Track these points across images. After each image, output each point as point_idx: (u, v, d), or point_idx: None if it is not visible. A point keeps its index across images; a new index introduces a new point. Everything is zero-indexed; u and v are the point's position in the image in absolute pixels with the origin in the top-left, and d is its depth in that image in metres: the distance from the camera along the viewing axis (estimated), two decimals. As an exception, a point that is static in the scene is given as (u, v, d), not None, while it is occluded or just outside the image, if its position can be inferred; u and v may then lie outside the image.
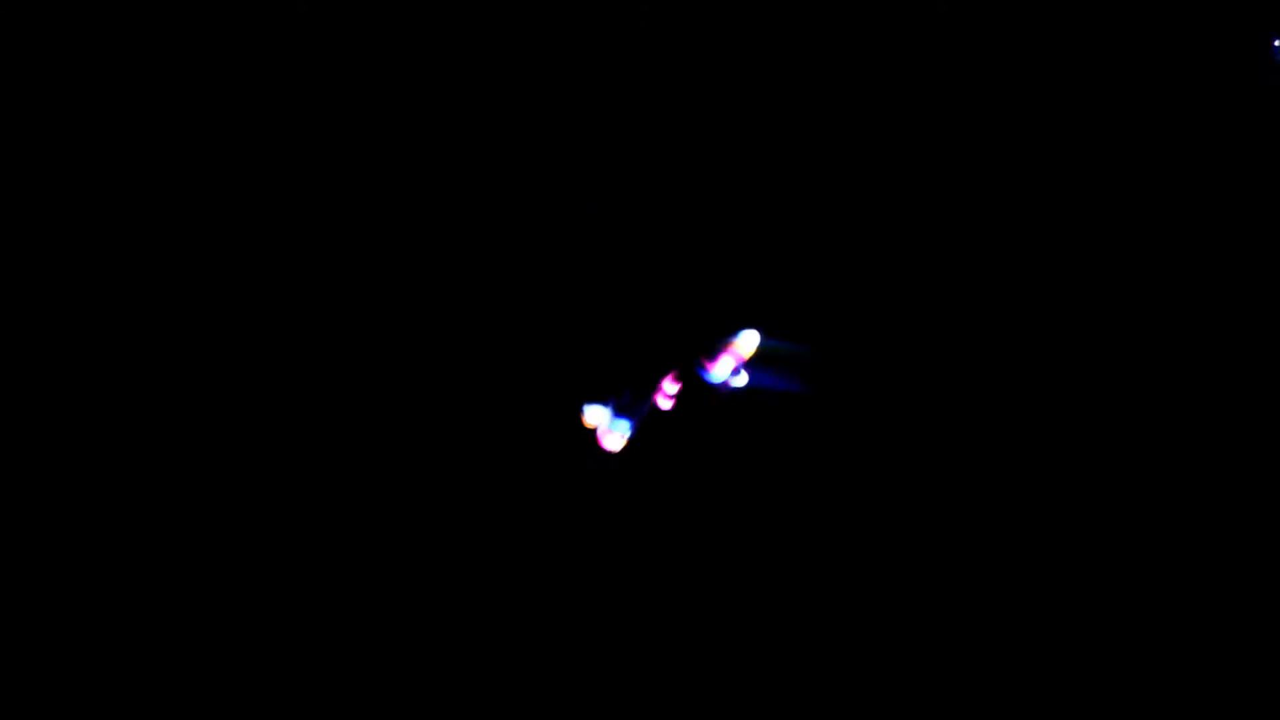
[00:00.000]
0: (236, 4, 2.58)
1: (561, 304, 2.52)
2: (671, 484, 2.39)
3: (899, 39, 2.68)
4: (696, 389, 2.33)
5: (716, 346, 2.28)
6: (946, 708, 2.22)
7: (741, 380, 2.31)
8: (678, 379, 2.29)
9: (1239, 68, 2.67)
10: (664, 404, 2.31)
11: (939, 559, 2.38)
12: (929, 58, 2.68)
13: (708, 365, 2.28)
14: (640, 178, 2.64)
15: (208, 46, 2.60)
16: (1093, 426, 2.54)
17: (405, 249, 2.56)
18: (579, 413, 2.30)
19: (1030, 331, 2.62)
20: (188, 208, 2.56)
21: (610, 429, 2.30)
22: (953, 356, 2.60)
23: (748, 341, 2.26)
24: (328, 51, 2.62)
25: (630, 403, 2.30)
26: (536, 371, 2.50)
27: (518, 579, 2.34)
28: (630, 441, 2.30)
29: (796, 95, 2.69)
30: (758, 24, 2.69)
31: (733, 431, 2.42)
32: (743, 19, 2.68)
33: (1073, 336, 2.62)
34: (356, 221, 2.61)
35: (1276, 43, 2.66)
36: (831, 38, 2.69)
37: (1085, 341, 2.61)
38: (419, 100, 2.64)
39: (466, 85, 2.66)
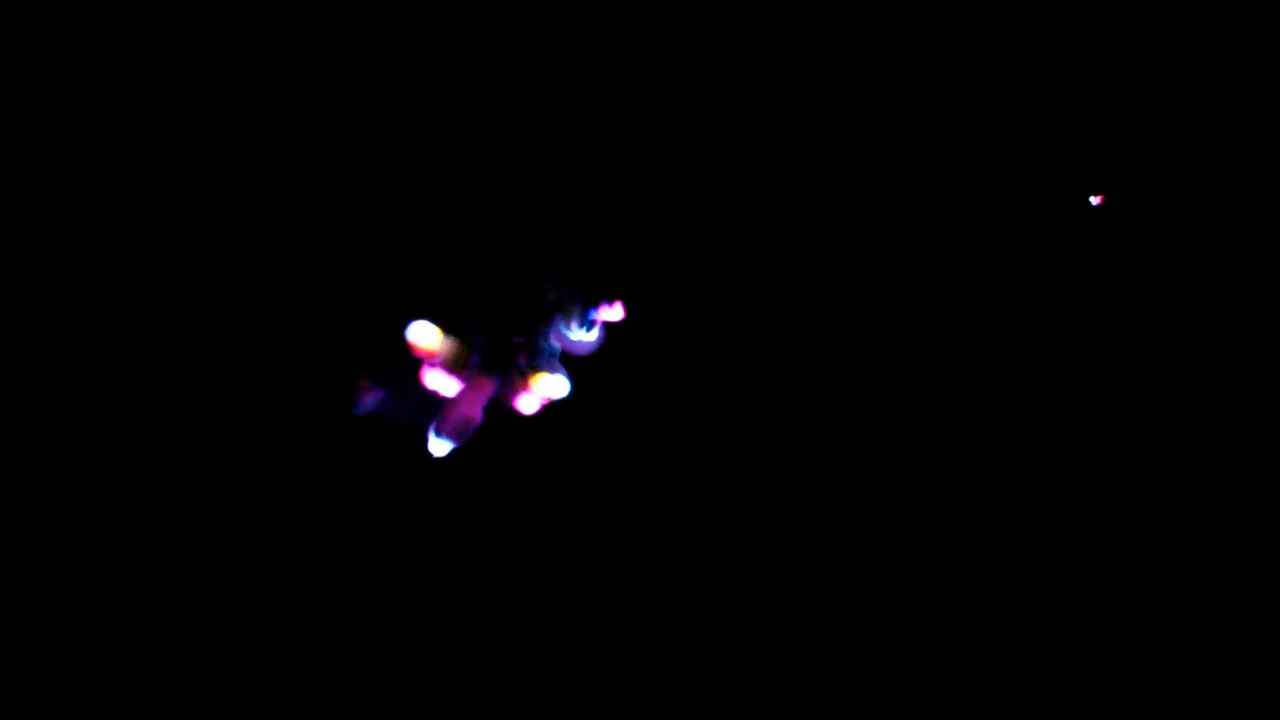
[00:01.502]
0: (237, 4, 2.59)
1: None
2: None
3: (899, 39, 2.68)
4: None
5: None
6: (945, 707, 2.21)
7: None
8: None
9: (1241, 69, 2.66)
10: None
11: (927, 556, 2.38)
12: (929, 58, 2.68)
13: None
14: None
15: (207, 46, 2.60)
16: (1091, 425, 2.54)
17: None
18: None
19: (1027, 330, 2.62)
20: (186, 206, 2.56)
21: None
22: (949, 354, 2.60)
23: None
24: (328, 51, 2.62)
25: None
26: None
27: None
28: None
29: (796, 95, 2.69)
30: (757, 24, 2.68)
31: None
32: (742, 19, 2.68)
33: (1071, 335, 2.61)
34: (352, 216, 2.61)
35: None
36: (831, 37, 2.69)
37: (1084, 341, 2.61)
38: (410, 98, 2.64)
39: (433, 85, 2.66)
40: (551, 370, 2.21)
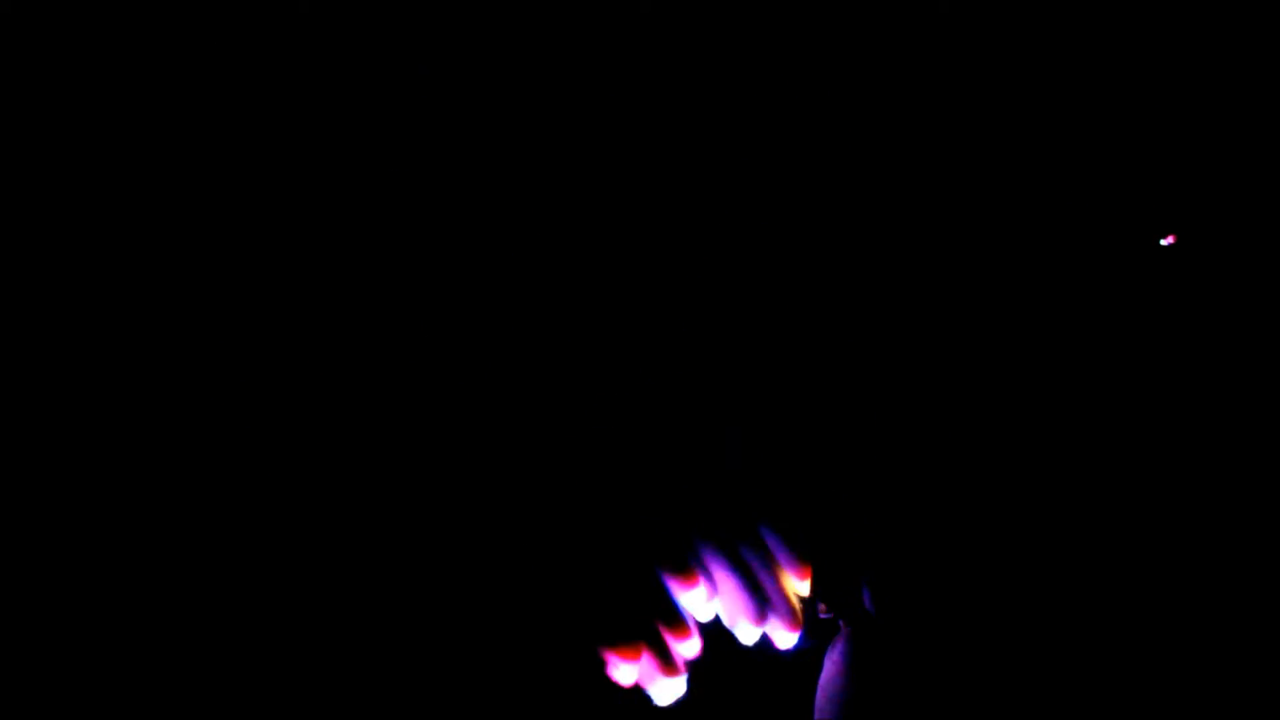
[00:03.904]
0: (236, 4, 2.60)
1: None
2: None
3: (899, 39, 2.68)
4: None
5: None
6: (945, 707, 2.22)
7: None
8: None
9: (1243, 70, 2.67)
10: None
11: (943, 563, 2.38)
12: (929, 58, 2.68)
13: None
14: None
15: (207, 47, 2.61)
16: (1090, 427, 2.54)
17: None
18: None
19: (1024, 333, 2.62)
20: (186, 207, 2.57)
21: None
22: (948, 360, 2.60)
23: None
24: (328, 51, 2.63)
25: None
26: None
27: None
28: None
29: (795, 96, 2.70)
30: (757, 24, 2.69)
31: None
32: (741, 19, 2.68)
33: (1067, 338, 2.62)
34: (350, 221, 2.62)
35: None
36: (831, 38, 2.69)
37: (1080, 343, 2.61)
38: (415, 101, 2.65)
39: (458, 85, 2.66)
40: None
